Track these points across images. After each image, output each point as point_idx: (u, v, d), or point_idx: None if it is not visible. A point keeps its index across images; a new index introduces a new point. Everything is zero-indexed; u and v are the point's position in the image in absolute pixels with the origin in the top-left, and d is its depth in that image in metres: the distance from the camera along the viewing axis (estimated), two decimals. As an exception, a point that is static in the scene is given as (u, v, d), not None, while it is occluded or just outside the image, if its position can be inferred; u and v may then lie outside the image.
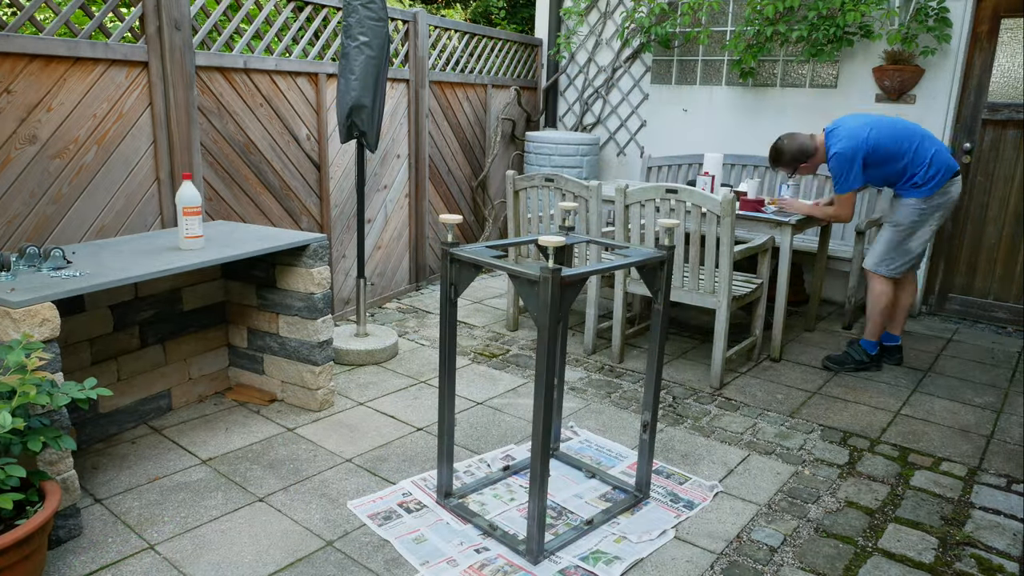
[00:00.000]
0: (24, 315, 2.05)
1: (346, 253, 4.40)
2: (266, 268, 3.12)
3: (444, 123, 5.12)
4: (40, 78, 2.75)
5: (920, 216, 3.53)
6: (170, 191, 3.26)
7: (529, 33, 8.06)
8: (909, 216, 3.54)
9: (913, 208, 3.53)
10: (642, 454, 2.51)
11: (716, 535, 2.36)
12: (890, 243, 3.61)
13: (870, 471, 2.80)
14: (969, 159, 4.59)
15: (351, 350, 3.70)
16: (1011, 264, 4.60)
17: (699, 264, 3.51)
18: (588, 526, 2.35)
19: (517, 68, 5.86)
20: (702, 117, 5.40)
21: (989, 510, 2.56)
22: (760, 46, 4.84)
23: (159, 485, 2.54)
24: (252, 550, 2.21)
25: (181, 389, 3.15)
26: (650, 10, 5.29)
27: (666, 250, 2.31)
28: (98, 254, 2.59)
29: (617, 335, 3.84)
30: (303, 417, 3.11)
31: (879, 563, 2.25)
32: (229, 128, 3.53)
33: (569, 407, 3.29)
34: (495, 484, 2.62)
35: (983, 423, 3.26)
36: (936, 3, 4.32)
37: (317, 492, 2.53)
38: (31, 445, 1.96)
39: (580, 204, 3.77)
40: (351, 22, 3.33)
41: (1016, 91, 4.39)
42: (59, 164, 2.86)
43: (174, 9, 3.10)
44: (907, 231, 3.57)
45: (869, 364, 3.79)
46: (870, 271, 3.69)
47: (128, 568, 2.11)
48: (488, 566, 2.16)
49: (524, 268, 2.00)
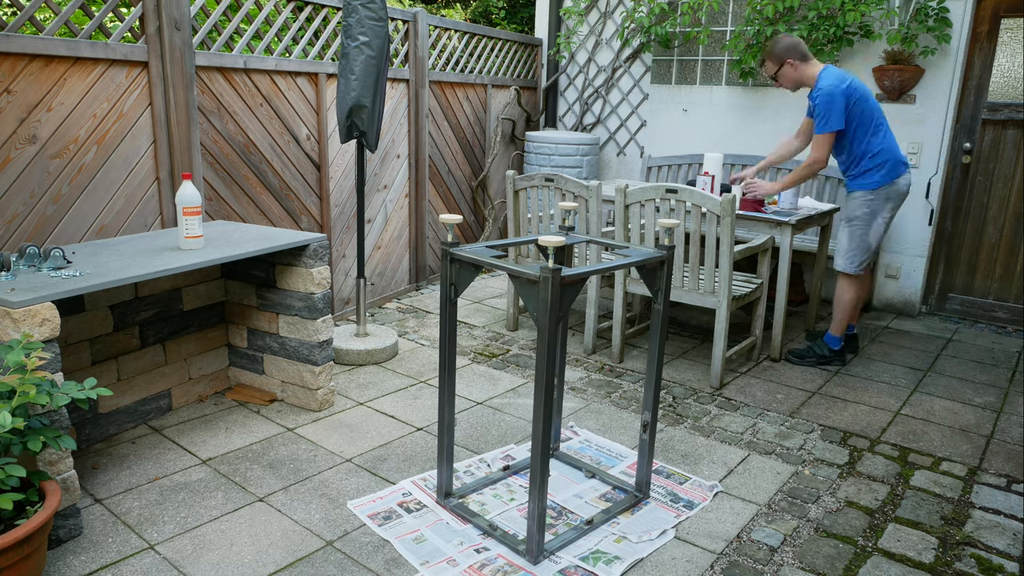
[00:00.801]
0: (24, 315, 2.05)
1: (346, 253, 4.40)
2: (266, 268, 3.12)
3: (444, 123, 5.12)
4: (40, 78, 2.75)
5: (871, 207, 3.64)
6: (170, 191, 3.26)
7: (529, 33, 8.06)
8: (860, 208, 3.65)
9: (862, 200, 3.64)
10: (642, 454, 2.51)
11: (716, 535, 2.36)
12: (851, 238, 3.71)
13: (870, 471, 2.81)
14: (969, 159, 4.60)
15: (351, 350, 3.70)
16: (1011, 264, 4.60)
17: (699, 264, 3.51)
18: (588, 526, 2.35)
19: (517, 68, 5.86)
20: (702, 117, 5.40)
21: (989, 510, 2.56)
22: (760, 46, 4.84)
23: (159, 485, 2.54)
24: (252, 550, 2.21)
25: (181, 389, 3.15)
26: (650, 10, 5.29)
27: (666, 250, 2.31)
28: (98, 254, 2.59)
29: (617, 335, 3.84)
30: (303, 417, 3.11)
31: (879, 563, 2.25)
32: (229, 128, 3.53)
33: (569, 407, 3.29)
34: (495, 484, 2.62)
35: (983, 423, 3.26)
36: (936, 3, 4.32)
37: (317, 492, 2.54)
38: (31, 445, 1.96)
39: (580, 204, 3.77)
40: (351, 22, 3.33)
41: (1016, 91, 4.39)
42: (59, 164, 2.86)
43: (174, 9, 3.10)
44: (863, 224, 3.67)
45: (832, 358, 3.90)
46: (841, 271, 3.78)
47: (128, 568, 2.11)
48: (488, 566, 2.16)
49: (524, 268, 2.00)
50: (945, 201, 4.72)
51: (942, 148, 4.57)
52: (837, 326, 3.87)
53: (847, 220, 3.71)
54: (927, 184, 4.63)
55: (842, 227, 3.74)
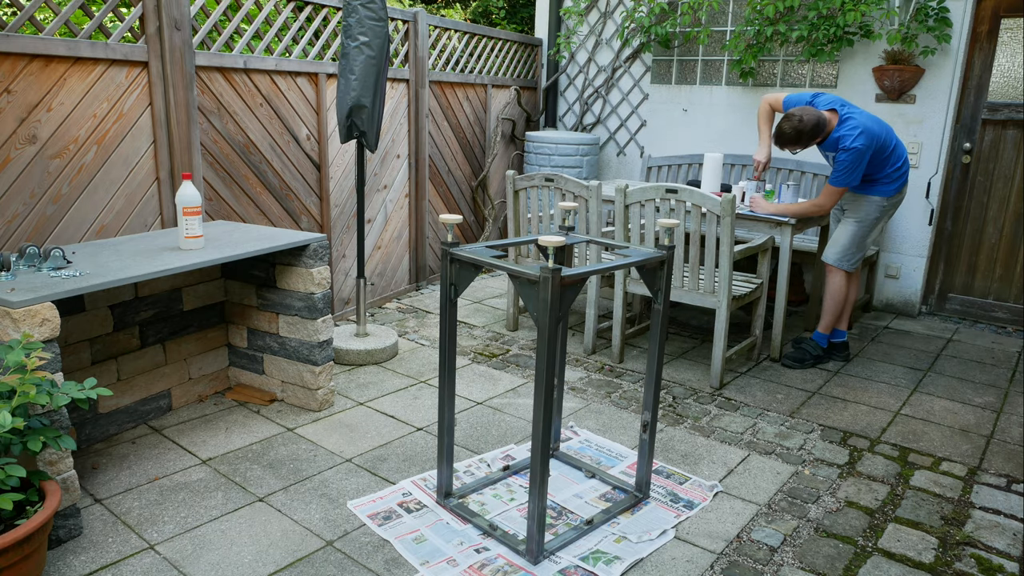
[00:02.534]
0: (24, 315, 2.05)
1: (346, 253, 4.40)
2: (266, 268, 3.12)
3: (444, 123, 5.12)
4: (40, 78, 2.75)
5: (882, 213, 3.70)
6: (170, 191, 3.26)
7: (529, 33, 8.06)
8: (873, 213, 3.68)
9: (877, 205, 3.67)
10: (642, 454, 2.51)
11: (716, 535, 2.36)
12: (854, 237, 3.72)
13: (870, 471, 2.81)
14: (969, 159, 4.60)
15: (351, 350, 3.70)
16: (1011, 264, 4.60)
17: (699, 264, 3.51)
18: (588, 526, 2.35)
19: (517, 68, 5.86)
20: (702, 117, 5.40)
21: (989, 510, 2.56)
22: (760, 46, 4.84)
23: (159, 485, 2.54)
24: (252, 550, 2.21)
25: (181, 389, 3.15)
26: (650, 10, 5.29)
27: (666, 250, 2.31)
28: (98, 254, 2.59)
29: (617, 335, 3.84)
30: (303, 417, 3.11)
31: (879, 563, 2.25)
32: (229, 128, 3.53)
33: (569, 407, 3.29)
34: (495, 484, 2.62)
35: (983, 423, 3.26)
36: (936, 3, 4.32)
37: (317, 492, 2.54)
38: (31, 445, 1.96)
39: (580, 204, 3.77)
40: (351, 22, 3.33)
41: (1016, 91, 4.39)
42: (59, 164, 2.86)
43: (174, 9, 3.10)
44: (869, 227, 3.71)
45: (823, 357, 3.91)
46: (833, 266, 3.77)
47: (128, 568, 2.11)
48: (488, 566, 2.16)
49: (524, 268, 2.00)
50: (945, 201, 4.72)
51: (942, 148, 4.57)
52: (826, 324, 3.86)
53: (856, 220, 3.70)
54: (927, 184, 4.63)
55: (846, 224, 3.74)
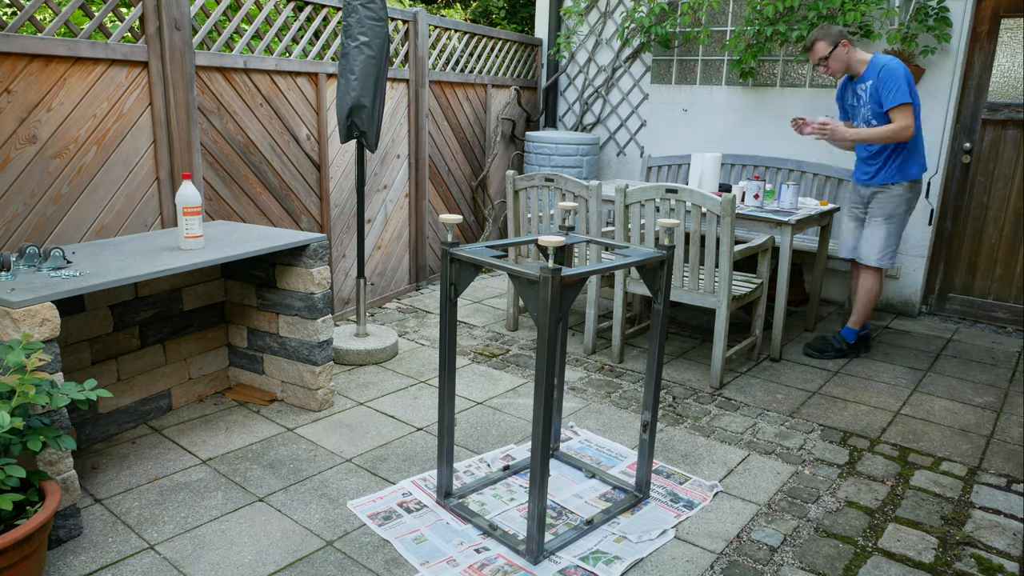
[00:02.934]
0: (24, 315, 2.05)
1: (346, 253, 4.40)
2: (266, 268, 3.12)
3: (444, 123, 5.12)
4: (40, 78, 2.75)
5: (907, 204, 3.75)
6: (170, 191, 3.26)
7: (529, 33, 8.06)
8: (901, 206, 3.74)
9: (901, 197, 3.72)
10: (642, 454, 2.51)
11: (716, 535, 2.36)
12: (888, 235, 3.78)
13: (870, 471, 2.81)
14: (969, 159, 4.59)
15: (351, 350, 3.70)
16: (1011, 264, 4.60)
17: (699, 264, 3.51)
18: (588, 526, 2.35)
19: (517, 68, 5.86)
20: (702, 117, 5.40)
21: (989, 510, 2.56)
22: (760, 46, 4.84)
23: (159, 485, 2.54)
24: (252, 550, 2.21)
25: (181, 389, 3.15)
26: (650, 10, 5.29)
27: (666, 250, 2.31)
28: (98, 254, 2.59)
29: (617, 335, 3.84)
30: (303, 417, 3.11)
31: (879, 563, 2.25)
32: (229, 128, 3.53)
33: (569, 407, 3.29)
34: (495, 484, 2.62)
35: (983, 423, 3.26)
36: (936, 3, 4.32)
37: (317, 492, 2.54)
38: (31, 445, 1.96)
39: (580, 204, 3.77)
40: (351, 22, 3.33)
41: (1016, 91, 4.39)
42: (59, 164, 2.86)
43: (174, 9, 3.10)
44: (901, 220, 3.78)
45: (847, 352, 3.97)
46: (872, 266, 3.82)
47: (128, 568, 2.11)
48: (488, 566, 2.16)
49: (524, 268, 2.00)
50: (945, 201, 4.72)
51: (942, 148, 4.57)
52: (858, 320, 3.95)
53: (884, 218, 3.74)
54: (927, 184, 4.63)
55: (875, 224, 3.78)
